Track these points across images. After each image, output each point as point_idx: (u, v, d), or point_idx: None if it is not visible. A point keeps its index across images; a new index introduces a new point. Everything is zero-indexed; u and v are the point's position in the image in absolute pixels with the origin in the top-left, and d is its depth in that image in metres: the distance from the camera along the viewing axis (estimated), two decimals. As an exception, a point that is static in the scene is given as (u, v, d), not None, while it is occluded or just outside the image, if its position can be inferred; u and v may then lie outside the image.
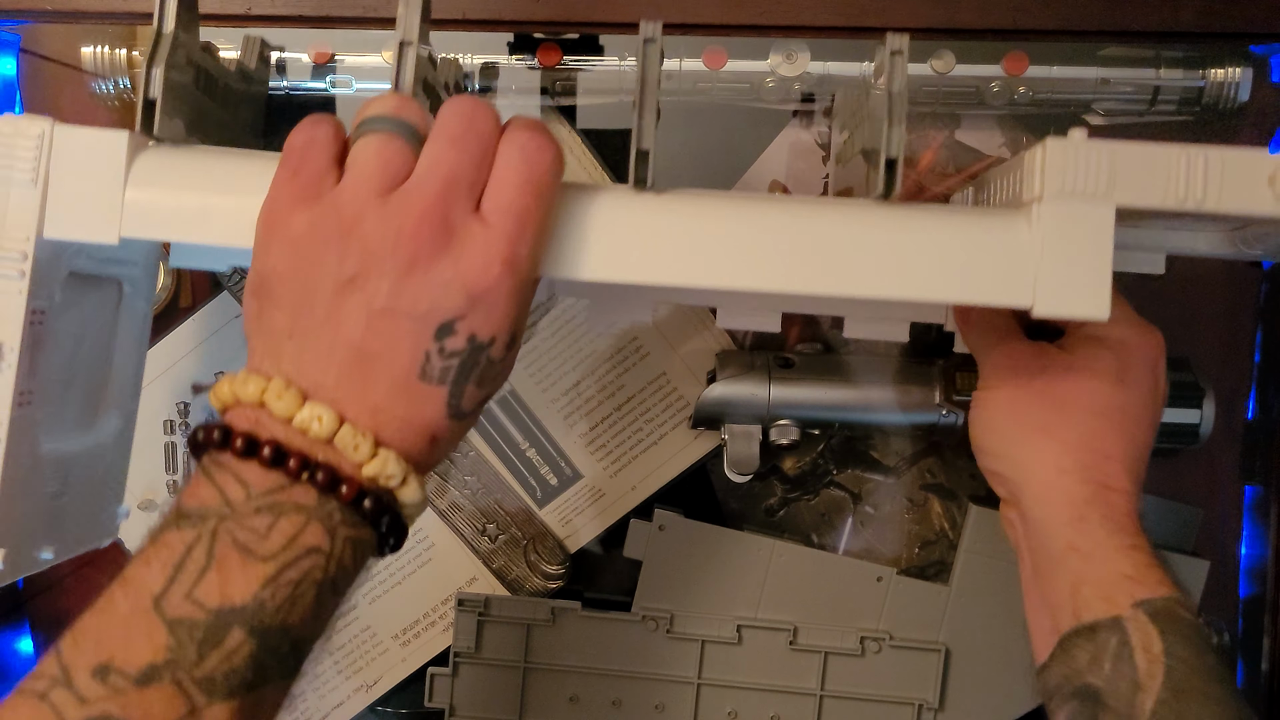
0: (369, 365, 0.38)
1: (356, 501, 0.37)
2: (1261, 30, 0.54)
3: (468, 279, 0.38)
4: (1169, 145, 0.41)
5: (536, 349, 0.62)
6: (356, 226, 0.38)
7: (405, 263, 0.37)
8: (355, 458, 0.37)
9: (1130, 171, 0.41)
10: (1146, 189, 0.41)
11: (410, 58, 0.41)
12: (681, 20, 0.53)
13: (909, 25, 0.54)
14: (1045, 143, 0.41)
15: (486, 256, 0.38)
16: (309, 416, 0.37)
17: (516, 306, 0.39)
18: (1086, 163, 0.40)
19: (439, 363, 0.38)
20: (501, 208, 0.39)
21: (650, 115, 0.41)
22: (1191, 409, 0.59)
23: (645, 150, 0.41)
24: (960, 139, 0.60)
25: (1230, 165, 0.41)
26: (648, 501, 0.62)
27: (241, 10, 0.53)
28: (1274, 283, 0.61)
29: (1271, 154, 0.41)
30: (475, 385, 0.39)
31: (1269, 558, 0.61)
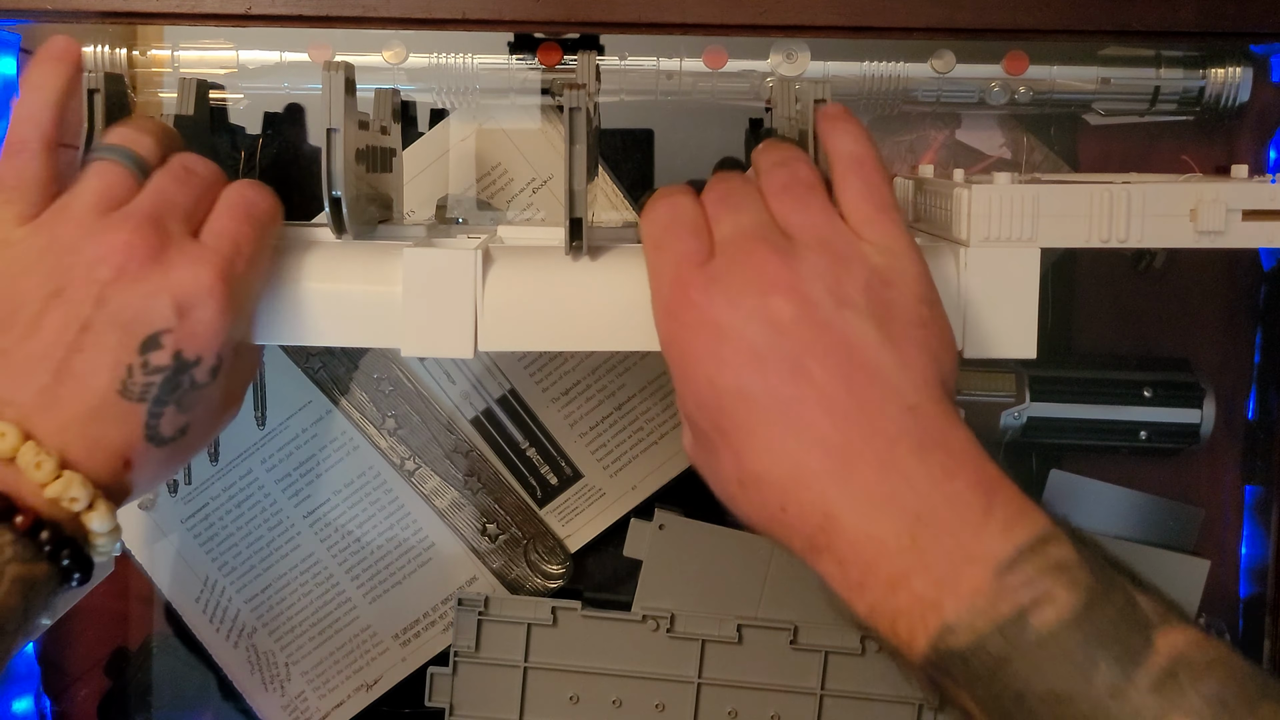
0: (66, 381, 0.37)
1: (34, 533, 0.36)
2: (1261, 30, 0.54)
3: (177, 290, 0.38)
4: (1094, 184, 0.42)
5: (537, 349, 0.62)
6: (68, 240, 0.38)
7: (113, 272, 0.37)
8: (36, 477, 0.36)
9: (1055, 214, 0.42)
10: (1071, 230, 0.42)
11: (338, 144, 0.42)
12: (681, 20, 0.53)
13: (909, 25, 0.54)
14: (971, 189, 0.41)
15: (197, 271, 0.38)
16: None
17: (225, 329, 0.39)
18: (1011, 209, 0.41)
19: (141, 378, 0.38)
20: (217, 231, 0.40)
21: (581, 182, 0.42)
22: (1192, 409, 0.59)
23: (578, 219, 0.42)
24: (960, 139, 0.60)
25: (1152, 201, 0.42)
26: (648, 501, 0.62)
27: (241, 10, 0.53)
28: (1274, 283, 0.61)
29: (1192, 185, 0.42)
30: (176, 407, 0.39)
31: (1270, 558, 0.61)
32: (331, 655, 0.63)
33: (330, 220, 0.43)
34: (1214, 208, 0.41)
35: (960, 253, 0.42)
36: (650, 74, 0.58)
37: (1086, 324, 0.62)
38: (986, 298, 0.41)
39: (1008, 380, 0.59)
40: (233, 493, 0.63)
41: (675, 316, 0.38)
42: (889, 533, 0.34)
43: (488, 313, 0.42)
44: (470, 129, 0.60)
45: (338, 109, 0.42)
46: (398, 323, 0.42)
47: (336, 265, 0.43)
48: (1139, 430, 0.59)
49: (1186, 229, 0.42)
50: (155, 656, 0.64)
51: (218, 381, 0.40)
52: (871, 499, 0.35)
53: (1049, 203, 0.42)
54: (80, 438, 0.37)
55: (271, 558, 0.63)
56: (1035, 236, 0.42)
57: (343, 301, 0.43)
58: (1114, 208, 0.41)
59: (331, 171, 0.42)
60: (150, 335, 0.38)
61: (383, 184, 0.52)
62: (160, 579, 0.63)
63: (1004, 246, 0.42)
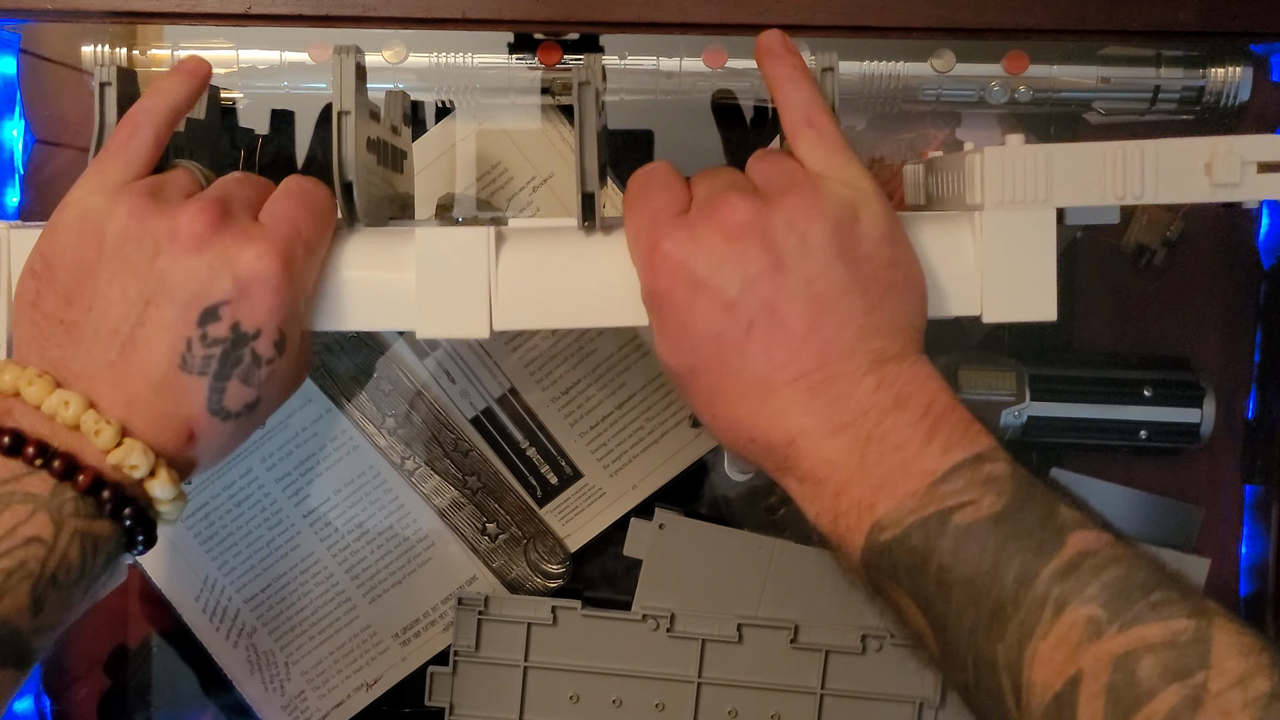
0: (130, 355, 0.38)
1: (95, 491, 0.37)
2: (1261, 30, 0.54)
3: (237, 265, 0.39)
4: (1105, 143, 0.42)
5: (536, 348, 0.62)
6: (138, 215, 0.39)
7: (180, 247, 0.39)
8: (98, 444, 0.37)
9: (1068, 173, 0.42)
10: (1085, 188, 0.42)
11: (349, 126, 0.42)
12: (681, 20, 0.53)
13: (909, 24, 0.54)
14: (984, 151, 0.41)
15: (258, 248, 0.39)
16: (56, 402, 0.37)
17: (285, 306, 0.40)
18: (1025, 169, 0.41)
19: (200, 351, 0.39)
20: (277, 214, 0.41)
21: (592, 160, 0.42)
22: (1192, 408, 0.59)
23: (590, 193, 0.42)
24: (960, 138, 0.60)
25: (1166, 156, 0.41)
26: (648, 500, 0.62)
27: (241, 10, 0.53)
28: (1274, 283, 0.61)
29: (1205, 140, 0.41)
30: (240, 382, 0.40)
31: (1269, 557, 0.61)
32: (331, 655, 0.63)
33: (341, 207, 0.43)
34: (1229, 160, 0.41)
35: (975, 218, 0.42)
36: (650, 74, 0.58)
37: (1086, 323, 0.62)
38: (1004, 261, 0.41)
39: (1008, 379, 0.59)
40: (233, 492, 0.63)
41: (651, 267, 0.39)
42: (841, 455, 0.37)
43: (502, 291, 0.42)
44: (470, 128, 0.61)
45: (349, 93, 0.42)
46: (412, 305, 0.42)
47: (349, 252, 0.43)
48: (1139, 429, 0.59)
49: (1202, 183, 0.41)
50: (155, 656, 0.64)
51: (285, 358, 0.41)
52: (829, 427, 0.37)
53: (1062, 162, 0.41)
54: (145, 409, 0.39)
55: (271, 557, 0.63)
56: (1050, 197, 0.41)
57: (357, 287, 0.43)
58: (1128, 164, 0.41)
59: (343, 157, 0.42)
60: (209, 307, 0.39)
61: (398, 182, 0.52)
62: (160, 579, 0.63)
63: (1019, 208, 0.41)
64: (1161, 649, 0.32)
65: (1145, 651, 0.32)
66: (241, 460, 0.62)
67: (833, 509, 0.38)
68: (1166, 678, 0.31)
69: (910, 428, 0.37)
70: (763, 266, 0.38)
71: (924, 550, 0.36)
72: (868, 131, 0.60)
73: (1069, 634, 0.33)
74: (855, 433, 0.37)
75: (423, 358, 0.62)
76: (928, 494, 0.36)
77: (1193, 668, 0.31)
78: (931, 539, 0.35)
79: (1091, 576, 0.34)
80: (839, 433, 0.37)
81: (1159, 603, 0.33)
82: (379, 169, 0.47)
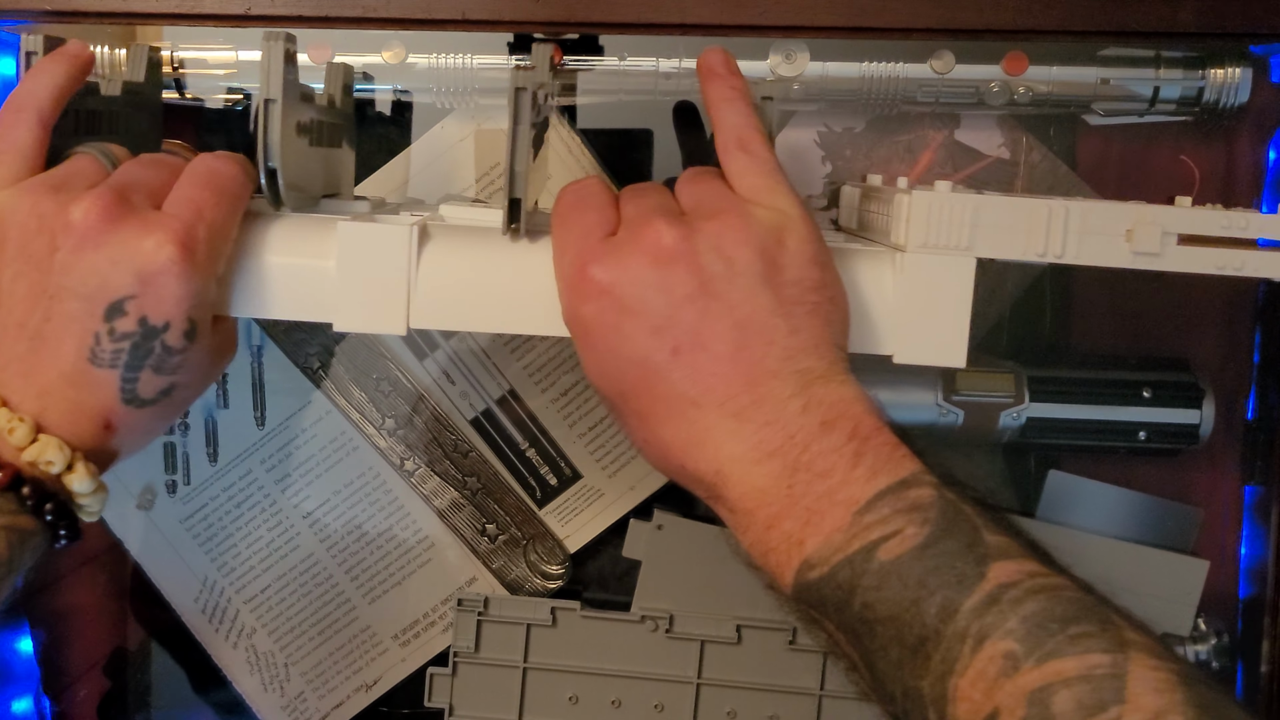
0: (39, 349, 0.39)
1: (14, 488, 0.38)
2: (1261, 30, 0.54)
3: (138, 259, 0.38)
4: (1032, 199, 0.42)
5: (536, 349, 0.62)
6: (40, 209, 0.39)
7: (76, 241, 0.38)
8: (12, 441, 0.38)
9: (993, 225, 0.42)
10: (1008, 243, 0.42)
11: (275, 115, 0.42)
12: (681, 20, 0.53)
13: (909, 25, 0.54)
14: (912, 195, 0.42)
15: (157, 238, 0.39)
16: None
17: (192, 295, 0.39)
18: (950, 217, 0.42)
19: (109, 345, 0.39)
20: (179, 199, 0.40)
21: (522, 164, 0.42)
22: (1191, 409, 0.59)
23: (517, 199, 0.42)
24: (960, 139, 0.60)
25: (1091, 219, 0.42)
26: (647, 501, 0.62)
27: (241, 10, 0.53)
28: (1273, 283, 0.61)
29: (1131, 206, 0.42)
30: (153, 371, 0.40)
31: (1269, 558, 0.61)
32: (331, 655, 0.63)
33: (267, 192, 0.43)
34: (1150, 230, 0.42)
35: (897, 258, 0.42)
36: (650, 74, 0.58)
37: (1085, 324, 0.62)
38: (920, 304, 0.42)
39: (1007, 380, 0.59)
40: (232, 493, 0.63)
41: (577, 290, 0.39)
42: (769, 483, 0.37)
43: (421, 290, 0.42)
44: (469, 129, 0.61)
45: (276, 80, 0.42)
46: (332, 297, 0.42)
47: (272, 238, 0.43)
48: (1138, 430, 0.59)
49: (1122, 249, 0.42)
50: (155, 657, 0.64)
51: (198, 344, 0.41)
52: (757, 455, 0.37)
53: (987, 214, 0.42)
54: (58, 402, 0.39)
55: (271, 558, 0.63)
56: (972, 246, 0.42)
57: (277, 274, 0.43)
58: (1051, 223, 0.42)
59: (268, 143, 0.42)
60: (114, 302, 0.38)
61: (332, 160, 0.51)
62: (160, 579, 0.63)
63: (940, 253, 0.42)
64: (1077, 683, 0.32)
65: (1061, 686, 0.32)
66: (241, 461, 0.62)
67: (763, 543, 0.38)
68: (1080, 713, 0.31)
69: (836, 453, 0.37)
70: (688, 291, 0.38)
71: (849, 587, 0.36)
72: (867, 133, 0.60)
73: (987, 669, 0.33)
74: (783, 460, 0.37)
75: (423, 359, 0.62)
76: (853, 526, 0.36)
77: (1107, 702, 0.31)
78: (856, 576, 0.36)
79: (1011, 610, 0.33)
80: (766, 460, 0.37)
81: (1077, 636, 0.33)
82: (312, 150, 0.47)
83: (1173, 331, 0.62)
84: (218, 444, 0.62)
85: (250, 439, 0.62)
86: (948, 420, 0.58)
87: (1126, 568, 0.61)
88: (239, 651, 0.63)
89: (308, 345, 0.61)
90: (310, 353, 0.62)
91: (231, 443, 0.62)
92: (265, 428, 0.62)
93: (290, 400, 0.62)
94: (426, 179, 0.60)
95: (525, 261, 0.42)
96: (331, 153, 0.51)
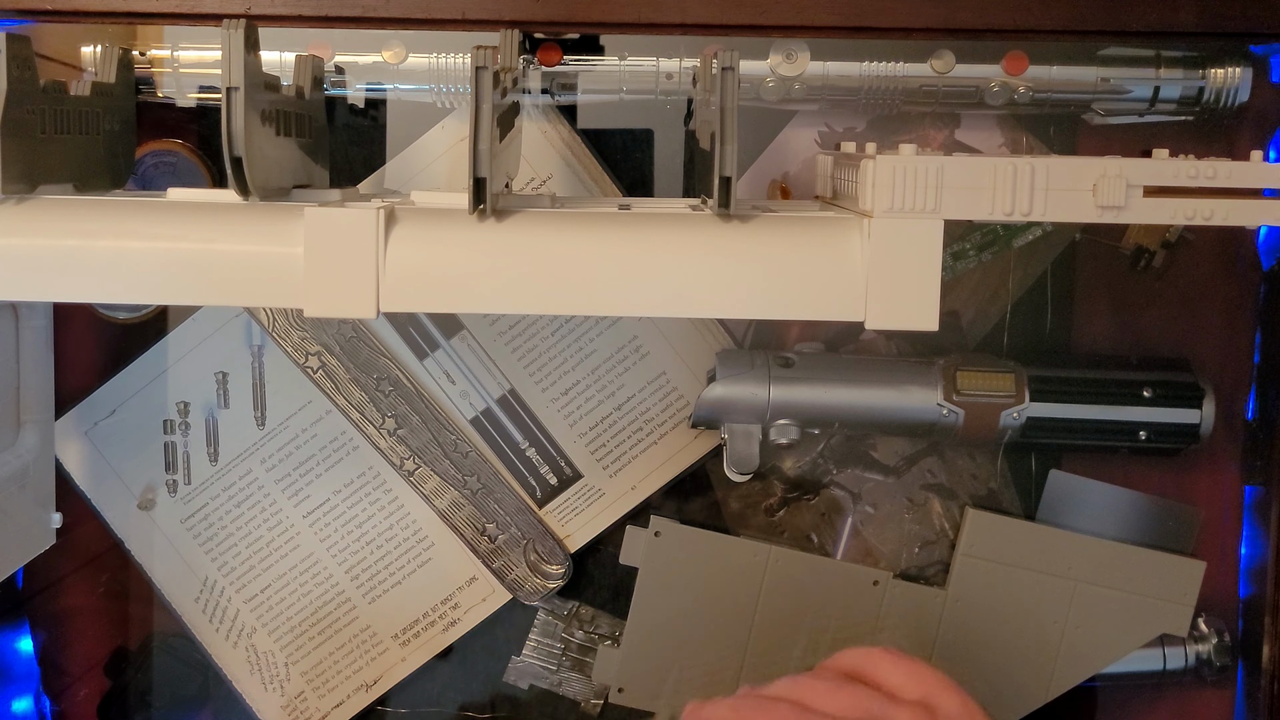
0: None
1: None
2: (1261, 30, 0.54)
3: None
4: (997, 158, 0.42)
5: (536, 349, 0.62)
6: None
7: None
8: None
9: (959, 186, 0.42)
10: (975, 203, 0.42)
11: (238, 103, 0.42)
12: (681, 20, 0.53)
13: (909, 25, 0.54)
14: (876, 159, 0.41)
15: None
16: None
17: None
18: (915, 179, 0.41)
19: None
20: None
21: (485, 143, 0.42)
22: (1191, 409, 0.59)
23: (482, 178, 0.42)
24: (960, 139, 0.60)
25: (1056, 174, 0.42)
26: (648, 501, 0.62)
27: (241, 10, 0.53)
28: (1273, 283, 0.61)
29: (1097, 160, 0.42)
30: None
31: (1269, 558, 0.61)
32: (331, 655, 0.63)
33: (233, 181, 0.43)
34: (1115, 182, 0.41)
35: (865, 224, 0.42)
36: (650, 74, 0.58)
37: (1086, 324, 0.62)
38: (889, 269, 0.41)
39: (1007, 380, 0.59)
40: (233, 493, 0.63)
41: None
42: None
43: (390, 273, 0.42)
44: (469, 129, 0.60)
45: (237, 68, 0.42)
46: (300, 283, 0.42)
47: (240, 226, 0.43)
48: (1138, 430, 0.59)
49: (1088, 203, 0.42)
50: (155, 656, 0.64)
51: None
52: None
53: (952, 175, 0.41)
54: None
55: (271, 558, 0.63)
56: (939, 208, 0.42)
57: (246, 262, 0.42)
58: (1017, 181, 0.42)
59: (231, 131, 0.42)
60: None
61: (303, 151, 0.51)
62: (160, 579, 0.63)
63: (907, 217, 0.42)
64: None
65: None
66: (241, 461, 0.62)
67: None
68: None
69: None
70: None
71: None
72: (867, 133, 0.60)
73: None
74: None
75: (423, 359, 0.62)
76: None
77: None
78: None
79: None
80: None
81: None
82: (280, 140, 0.47)
83: (1173, 332, 0.62)
84: (218, 444, 0.62)
85: (250, 439, 0.62)
86: (949, 420, 0.58)
87: (1123, 569, 0.61)
88: (239, 651, 0.63)
89: (308, 345, 0.61)
90: (310, 353, 0.62)
91: (232, 443, 0.62)
92: (265, 428, 0.62)
93: (290, 400, 0.62)
94: (427, 179, 0.60)
95: (493, 241, 0.42)
96: (302, 144, 0.51)
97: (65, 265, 0.41)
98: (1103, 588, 0.61)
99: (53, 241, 0.41)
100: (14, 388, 0.53)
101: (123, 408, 0.62)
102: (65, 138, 0.47)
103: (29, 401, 0.54)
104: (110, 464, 0.62)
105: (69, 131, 0.47)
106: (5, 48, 0.43)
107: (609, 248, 0.41)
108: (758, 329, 0.62)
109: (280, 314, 0.61)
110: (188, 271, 0.42)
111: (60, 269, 0.41)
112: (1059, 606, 0.61)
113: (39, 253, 0.41)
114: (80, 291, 0.42)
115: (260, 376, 0.62)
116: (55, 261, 0.41)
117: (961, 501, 0.62)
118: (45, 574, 0.63)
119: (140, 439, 0.62)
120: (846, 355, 0.61)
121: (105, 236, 0.41)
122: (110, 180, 0.52)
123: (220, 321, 0.62)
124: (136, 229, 0.42)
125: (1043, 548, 0.61)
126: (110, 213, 0.42)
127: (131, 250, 0.41)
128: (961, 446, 0.62)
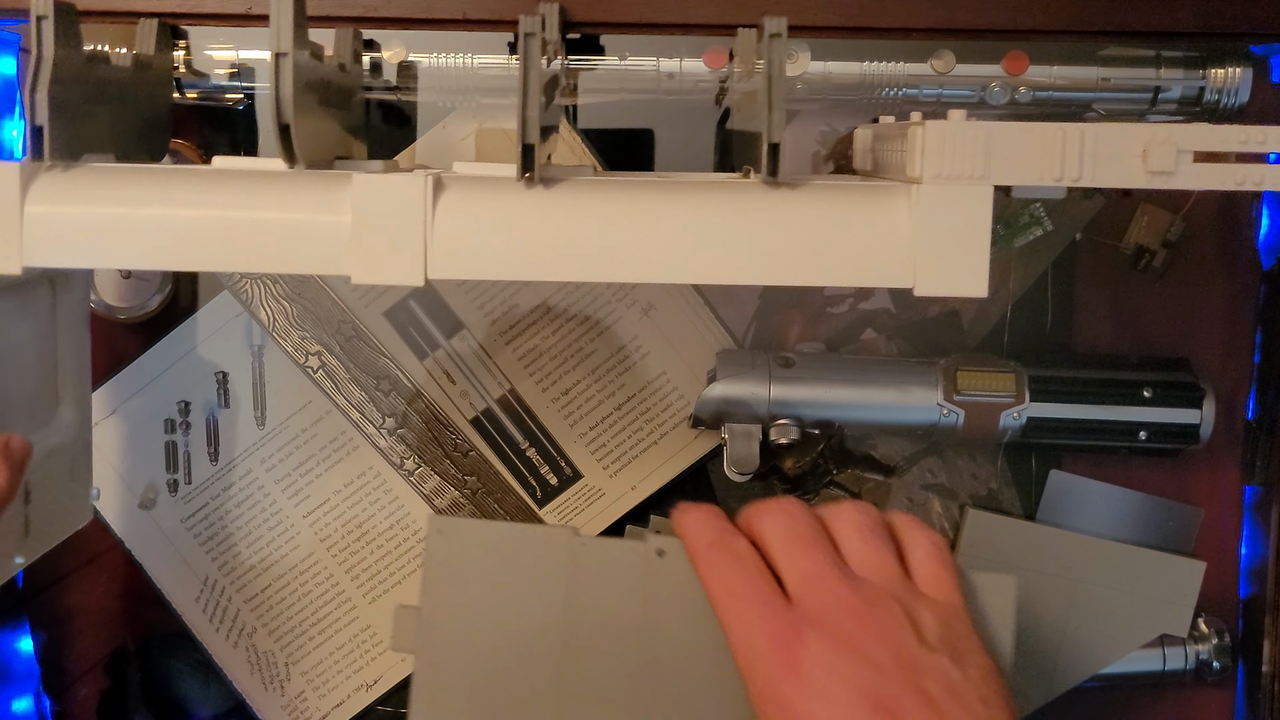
0: None
1: None
2: (1261, 30, 0.54)
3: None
4: (1046, 123, 0.42)
5: (536, 348, 0.62)
6: None
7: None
8: None
9: (1008, 152, 0.41)
10: (1024, 169, 0.42)
11: (286, 69, 0.41)
12: (682, 20, 0.53)
13: (909, 25, 0.54)
14: (925, 125, 0.41)
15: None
16: None
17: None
18: (964, 145, 0.41)
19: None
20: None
21: (534, 110, 0.41)
22: (1191, 409, 0.59)
23: (530, 144, 0.42)
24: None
25: (1105, 140, 0.41)
26: (647, 501, 0.62)
27: (241, 10, 0.53)
28: (1274, 283, 0.61)
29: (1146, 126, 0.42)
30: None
31: (1269, 558, 0.61)
32: (331, 655, 0.63)
33: (280, 149, 0.42)
34: (1165, 148, 0.41)
35: (912, 190, 0.42)
36: (651, 74, 0.58)
37: (1086, 324, 0.62)
38: (938, 235, 0.41)
39: (1007, 380, 0.59)
40: (233, 493, 0.63)
41: (774, 692, 0.39)
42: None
43: (438, 240, 0.42)
44: (470, 129, 0.61)
45: (286, 33, 0.41)
46: (348, 251, 0.42)
47: (287, 193, 0.42)
48: (1138, 430, 0.59)
49: (1138, 169, 0.42)
50: (155, 656, 0.64)
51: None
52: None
53: (1002, 140, 0.41)
54: None
55: (271, 558, 0.63)
56: (988, 174, 0.41)
57: (292, 229, 0.42)
58: (1066, 146, 0.41)
59: (280, 97, 0.41)
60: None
61: (345, 121, 0.51)
62: (160, 579, 0.63)
63: (956, 184, 0.41)
64: None
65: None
66: (242, 461, 0.62)
67: None
68: None
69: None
70: None
71: None
72: (868, 132, 0.60)
73: None
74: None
75: (423, 359, 0.62)
76: None
77: None
78: None
79: None
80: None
81: None
82: (321, 109, 0.47)
83: (1173, 331, 0.62)
84: (218, 443, 0.62)
85: (250, 439, 0.62)
86: (949, 420, 0.58)
87: (1123, 569, 0.61)
88: (239, 651, 0.63)
89: (308, 345, 0.61)
90: (310, 352, 0.62)
91: (232, 442, 0.62)
92: (265, 428, 0.62)
93: (290, 400, 0.62)
94: (427, 179, 0.60)
95: (543, 207, 0.42)
96: (342, 116, 0.51)
97: (112, 232, 0.41)
98: (1103, 588, 0.61)
99: (100, 209, 0.41)
100: (52, 364, 0.52)
101: (123, 407, 0.62)
102: (106, 108, 0.47)
103: (67, 377, 0.53)
104: (111, 463, 0.62)
105: (110, 102, 0.47)
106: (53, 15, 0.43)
107: (660, 214, 0.41)
108: (758, 329, 0.62)
109: (280, 314, 0.61)
110: (234, 238, 0.42)
111: (107, 235, 0.41)
112: (1059, 606, 0.61)
113: (86, 219, 0.41)
114: (126, 258, 0.42)
115: (260, 376, 0.62)
116: (102, 228, 0.41)
117: (961, 501, 0.63)
118: (45, 574, 0.63)
119: (141, 438, 0.62)
120: (847, 355, 0.62)
121: (152, 204, 0.41)
122: (149, 155, 0.52)
123: (220, 321, 0.62)
124: (183, 196, 0.41)
125: (1043, 548, 0.61)
126: (156, 180, 0.42)
127: (178, 217, 0.41)
128: (962, 446, 0.62)
